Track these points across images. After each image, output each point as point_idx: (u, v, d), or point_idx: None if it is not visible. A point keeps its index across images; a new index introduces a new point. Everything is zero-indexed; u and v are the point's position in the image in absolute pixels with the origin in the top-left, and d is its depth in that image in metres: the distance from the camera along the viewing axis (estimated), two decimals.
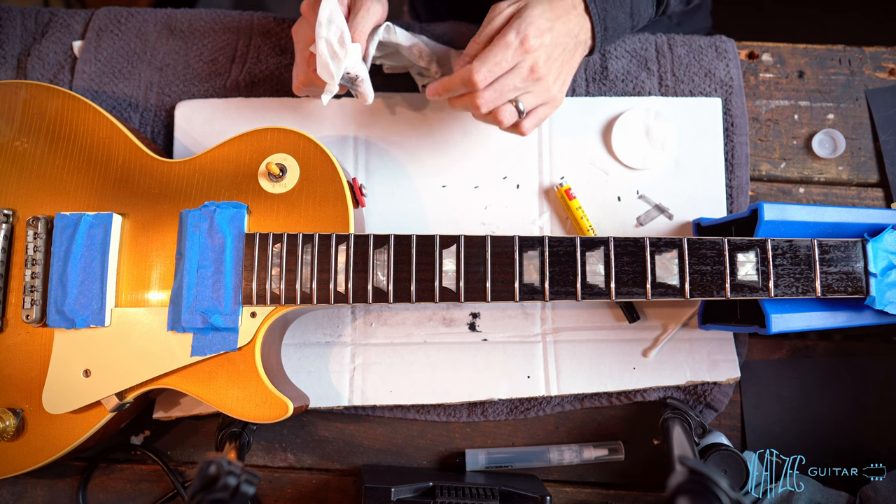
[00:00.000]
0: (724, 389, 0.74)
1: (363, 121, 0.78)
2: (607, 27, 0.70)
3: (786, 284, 0.63)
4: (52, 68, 0.82)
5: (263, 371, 0.63)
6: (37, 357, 0.65)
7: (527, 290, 0.63)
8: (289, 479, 0.74)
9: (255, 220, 0.66)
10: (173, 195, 0.67)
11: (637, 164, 0.77)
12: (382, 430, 0.75)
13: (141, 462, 0.74)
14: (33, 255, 0.65)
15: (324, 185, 0.66)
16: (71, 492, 0.73)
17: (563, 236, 0.65)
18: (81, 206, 0.67)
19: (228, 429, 0.67)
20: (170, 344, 0.64)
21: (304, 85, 0.70)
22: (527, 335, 0.74)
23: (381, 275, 0.64)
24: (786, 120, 0.81)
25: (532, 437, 0.75)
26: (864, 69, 0.82)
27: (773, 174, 0.80)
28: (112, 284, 0.65)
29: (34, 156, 0.68)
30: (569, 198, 0.75)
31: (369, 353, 0.74)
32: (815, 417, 0.75)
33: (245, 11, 0.85)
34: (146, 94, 0.81)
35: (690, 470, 0.46)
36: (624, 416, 0.75)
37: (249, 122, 0.78)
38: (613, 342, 0.74)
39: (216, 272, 0.64)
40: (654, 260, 0.63)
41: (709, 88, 0.80)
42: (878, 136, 0.80)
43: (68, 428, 0.64)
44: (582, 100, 0.79)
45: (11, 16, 0.83)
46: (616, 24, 0.70)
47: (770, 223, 0.64)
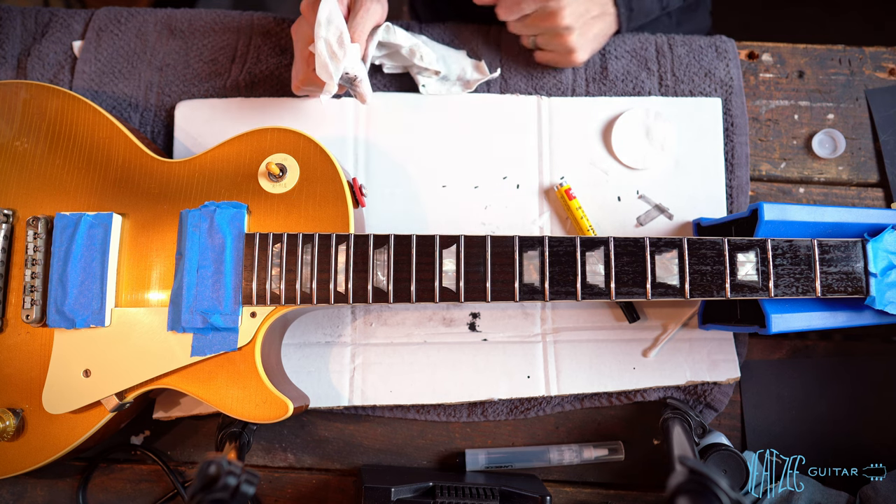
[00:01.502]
0: (724, 389, 0.74)
1: (363, 121, 0.78)
2: (633, 9, 0.77)
3: (786, 284, 0.63)
4: (52, 68, 0.82)
5: (263, 371, 0.63)
6: (37, 357, 0.65)
7: (527, 290, 0.63)
8: (289, 479, 0.74)
9: (255, 220, 0.66)
10: (173, 195, 0.67)
11: (637, 164, 0.77)
12: (382, 430, 0.75)
13: (141, 462, 0.74)
14: (33, 255, 0.65)
15: (324, 185, 0.66)
16: (71, 492, 0.73)
17: (563, 236, 0.65)
18: (81, 206, 0.67)
19: (228, 429, 0.67)
20: (170, 344, 0.64)
21: (304, 84, 0.71)
22: (527, 335, 0.74)
23: (381, 275, 0.64)
24: (786, 120, 0.81)
25: (532, 437, 0.75)
26: (864, 69, 0.82)
27: (773, 174, 0.80)
28: (112, 284, 0.65)
29: (34, 156, 0.68)
30: (569, 198, 0.75)
31: (369, 353, 0.74)
32: (814, 417, 0.75)
33: (245, 11, 0.85)
34: (146, 94, 0.81)
35: (690, 470, 0.46)
36: (624, 416, 0.75)
37: (249, 122, 0.78)
38: (613, 342, 0.74)
39: (216, 272, 0.64)
40: (654, 260, 0.63)
41: (709, 88, 0.80)
42: (878, 136, 0.80)
43: (68, 428, 0.64)
44: (582, 100, 0.79)
45: (11, 16, 0.83)
46: (642, 5, 0.78)
47: (770, 223, 0.64)
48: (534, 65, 0.81)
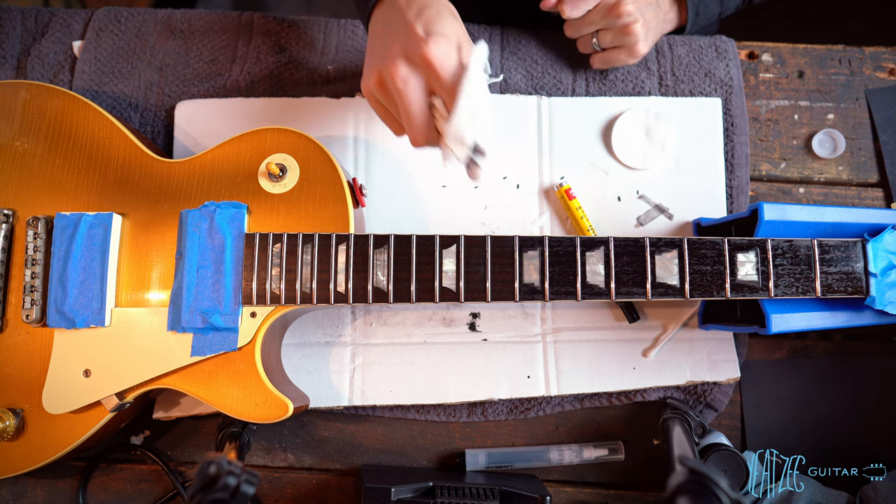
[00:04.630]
0: (724, 389, 0.74)
1: (363, 121, 0.78)
2: (699, 13, 0.78)
3: (786, 284, 0.63)
4: (52, 68, 0.82)
5: (263, 371, 0.63)
6: (37, 357, 0.65)
7: (527, 290, 0.63)
8: (289, 479, 0.74)
9: (255, 220, 0.66)
10: (173, 195, 0.67)
11: (637, 164, 0.77)
12: (382, 430, 0.75)
13: (141, 462, 0.74)
14: (33, 255, 0.65)
15: (324, 185, 0.66)
16: (71, 492, 0.73)
17: (563, 236, 0.65)
18: (81, 206, 0.67)
19: (228, 429, 0.67)
20: (170, 344, 0.64)
21: (425, 145, 0.61)
22: (527, 335, 0.74)
23: (381, 275, 0.64)
24: (786, 120, 0.81)
25: (532, 437, 0.75)
26: (864, 69, 0.82)
27: (773, 174, 0.80)
28: (112, 284, 0.65)
29: (34, 156, 0.68)
30: (569, 198, 0.75)
31: (369, 353, 0.74)
32: (815, 417, 0.75)
33: (245, 11, 0.85)
34: (146, 94, 0.81)
35: (690, 470, 0.46)
36: (624, 416, 0.75)
37: (249, 122, 0.78)
38: (613, 342, 0.74)
39: (216, 272, 0.64)
40: (654, 260, 0.63)
41: (709, 88, 0.80)
42: (878, 136, 0.80)
43: (68, 428, 0.64)
44: (582, 100, 0.79)
45: (11, 16, 0.83)
46: (705, 4, 0.78)
47: (770, 223, 0.64)
48: (534, 65, 0.81)
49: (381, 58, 0.60)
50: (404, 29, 0.59)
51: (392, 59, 0.58)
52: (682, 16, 0.78)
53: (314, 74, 0.81)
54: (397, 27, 0.60)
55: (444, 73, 0.57)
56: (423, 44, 0.57)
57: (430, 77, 0.58)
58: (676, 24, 0.79)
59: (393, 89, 0.59)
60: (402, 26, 0.59)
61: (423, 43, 0.57)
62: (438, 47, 0.57)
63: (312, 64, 0.81)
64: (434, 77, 0.57)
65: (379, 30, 0.63)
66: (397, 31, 0.60)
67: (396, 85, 0.58)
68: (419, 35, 0.58)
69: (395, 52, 0.58)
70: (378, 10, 0.64)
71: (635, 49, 0.75)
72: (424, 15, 0.59)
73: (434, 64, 0.56)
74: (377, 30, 0.63)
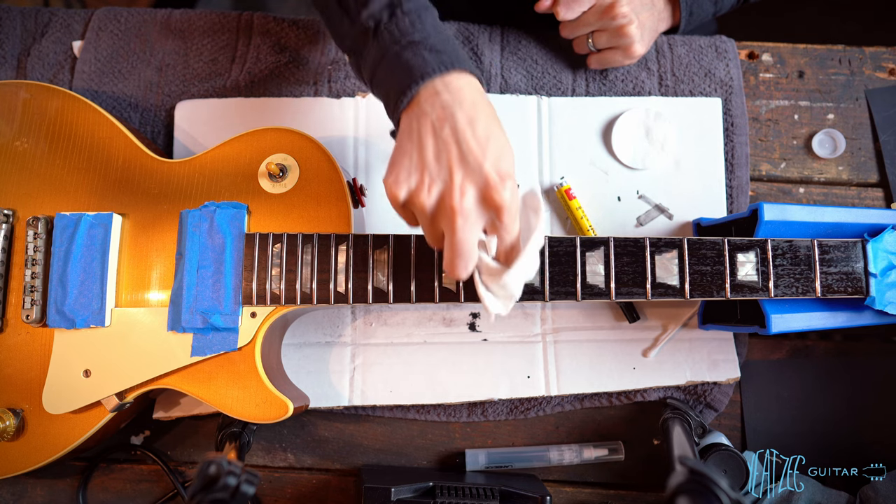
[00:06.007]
0: (724, 389, 0.74)
1: (363, 121, 0.78)
2: (692, 13, 0.78)
3: (786, 285, 0.63)
4: (52, 68, 0.82)
5: (263, 371, 0.63)
6: (37, 357, 0.65)
7: (527, 290, 0.63)
8: (289, 479, 0.74)
9: (255, 220, 0.66)
10: (173, 195, 0.67)
11: (637, 164, 0.77)
12: (382, 430, 0.75)
13: (141, 462, 0.74)
14: (33, 255, 0.65)
15: (324, 185, 0.66)
16: (71, 492, 0.73)
17: (563, 236, 0.65)
18: (81, 206, 0.67)
19: (228, 429, 0.67)
20: (170, 344, 0.64)
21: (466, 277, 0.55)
22: (527, 335, 0.74)
23: (381, 275, 0.64)
24: (786, 120, 0.81)
25: (532, 437, 0.75)
26: (864, 69, 0.82)
27: (773, 174, 0.80)
28: (112, 284, 0.65)
29: (34, 156, 0.68)
30: (569, 198, 0.75)
31: (369, 353, 0.74)
32: (814, 417, 0.75)
33: (245, 11, 0.85)
34: (146, 94, 0.81)
35: (690, 470, 0.46)
36: (624, 416, 0.75)
37: (249, 122, 0.78)
38: (613, 342, 0.74)
39: (216, 272, 0.64)
40: (654, 260, 0.63)
41: (709, 88, 0.80)
42: (878, 136, 0.80)
43: (68, 428, 0.64)
44: (582, 100, 0.79)
45: (11, 16, 0.83)
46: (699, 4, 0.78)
47: (770, 223, 0.64)
48: (534, 65, 0.81)
49: (436, 170, 0.53)
50: (462, 148, 0.53)
51: (456, 187, 0.52)
52: (676, 15, 0.78)
53: (314, 74, 0.81)
54: (449, 141, 0.53)
55: (511, 225, 0.53)
56: (498, 186, 0.52)
57: (494, 220, 0.54)
58: (671, 24, 0.79)
59: (447, 215, 0.53)
60: (457, 144, 0.53)
61: (499, 186, 0.52)
62: (513, 196, 0.53)
63: (312, 64, 0.81)
64: (501, 226, 0.53)
65: (425, 128, 0.55)
66: (449, 146, 0.53)
67: (454, 216, 0.52)
68: (489, 173, 0.52)
69: (458, 176, 0.53)
70: (413, 108, 0.55)
71: (631, 50, 0.75)
72: (480, 131, 0.53)
73: (505, 213, 0.53)
74: (423, 127, 0.55)
